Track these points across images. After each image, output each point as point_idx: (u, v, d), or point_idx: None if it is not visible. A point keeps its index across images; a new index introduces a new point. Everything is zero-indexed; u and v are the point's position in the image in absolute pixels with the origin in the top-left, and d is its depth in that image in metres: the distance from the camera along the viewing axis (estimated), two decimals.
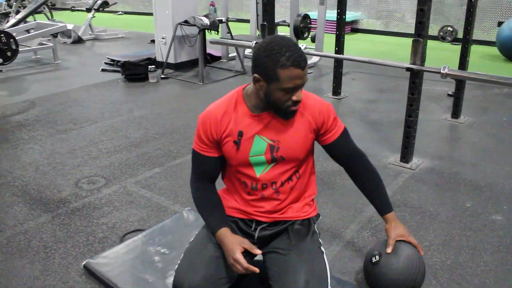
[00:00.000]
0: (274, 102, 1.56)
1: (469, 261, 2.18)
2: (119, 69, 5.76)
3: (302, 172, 1.75)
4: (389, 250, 1.79)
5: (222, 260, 1.65)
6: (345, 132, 1.74)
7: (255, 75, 1.54)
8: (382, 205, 1.82)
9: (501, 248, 2.28)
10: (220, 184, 1.83)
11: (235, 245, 1.61)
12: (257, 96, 1.60)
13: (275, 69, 1.48)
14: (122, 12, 12.91)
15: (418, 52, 2.90)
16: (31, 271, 2.14)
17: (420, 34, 2.88)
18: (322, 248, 1.74)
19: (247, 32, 6.99)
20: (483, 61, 6.52)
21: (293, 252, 1.67)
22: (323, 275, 1.63)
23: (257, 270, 1.58)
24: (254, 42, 3.75)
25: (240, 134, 1.64)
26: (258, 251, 1.65)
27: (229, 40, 5.22)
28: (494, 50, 6.80)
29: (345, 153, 1.77)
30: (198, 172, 1.77)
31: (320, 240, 1.78)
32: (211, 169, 1.75)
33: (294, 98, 1.54)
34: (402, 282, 1.77)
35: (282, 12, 9.42)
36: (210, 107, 1.70)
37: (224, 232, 1.66)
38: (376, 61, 3.53)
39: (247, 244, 1.64)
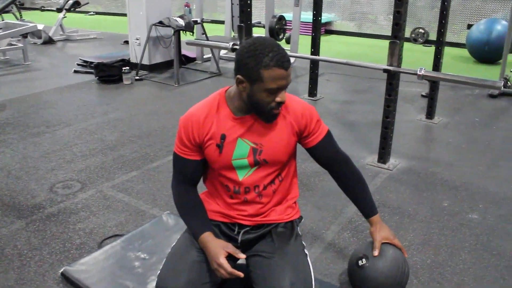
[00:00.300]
0: (258, 103, 1.54)
1: (448, 260, 2.22)
2: (92, 70, 5.65)
3: (284, 175, 1.74)
4: (375, 253, 1.80)
5: (205, 264, 1.63)
6: (328, 135, 1.74)
7: (238, 76, 1.52)
8: (367, 208, 1.82)
9: (478, 246, 2.33)
10: (201, 188, 1.80)
11: (219, 249, 1.59)
12: (240, 98, 1.58)
13: (259, 70, 1.47)
14: (93, 12, 12.69)
15: (395, 54, 2.94)
16: (5, 280, 2.07)
17: (396, 36, 2.91)
18: (306, 251, 1.74)
19: (221, 33, 6.95)
20: (454, 62, 6.67)
21: (277, 255, 1.65)
22: (308, 277, 1.63)
23: (241, 274, 1.56)
24: (231, 43, 3.73)
25: (223, 137, 1.62)
26: (242, 255, 1.64)
27: (206, 42, 5.18)
28: (464, 52, 6.96)
29: (329, 155, 1.76)
30: (179, 176, 1.74)
31: (303, 243, 1.78)
32: (192, 172, 1.72)
33: (278, 99, 1.53)
34: (389, 285, 1.78)
35: (257, 14, 9.42)
36: (192, 109, 1.68)
37: (207, 237, 1.64)
38: (354, 62, 3.55)
39: (230, 248, 1.62)
